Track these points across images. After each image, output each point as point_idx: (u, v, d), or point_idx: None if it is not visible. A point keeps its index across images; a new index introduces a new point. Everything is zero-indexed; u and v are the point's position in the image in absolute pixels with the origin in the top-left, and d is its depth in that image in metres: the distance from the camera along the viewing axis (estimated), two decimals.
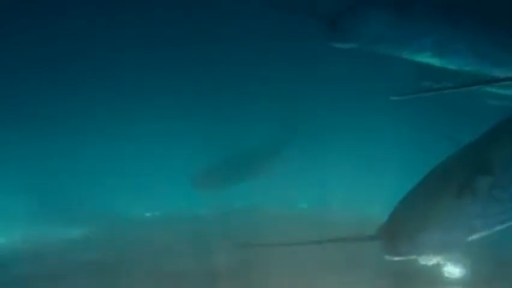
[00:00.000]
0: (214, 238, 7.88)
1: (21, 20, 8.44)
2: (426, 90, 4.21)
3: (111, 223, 10.62)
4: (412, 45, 5.98)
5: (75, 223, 11.10)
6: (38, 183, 11.84)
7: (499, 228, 4.08)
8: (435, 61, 6.03)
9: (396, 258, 4.15)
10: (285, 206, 10.85)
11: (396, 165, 9.21)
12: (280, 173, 11.22)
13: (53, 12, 8.25)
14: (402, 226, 4.11)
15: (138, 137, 11.59)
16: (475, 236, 4.09)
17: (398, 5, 5.96)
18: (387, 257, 4.18)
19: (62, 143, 11.52)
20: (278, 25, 8.24)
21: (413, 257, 4.12)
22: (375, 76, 8.63)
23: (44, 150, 11.66)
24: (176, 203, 11.39)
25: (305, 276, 7.36)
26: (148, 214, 11.99)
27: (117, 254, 8.59)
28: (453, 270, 7.40)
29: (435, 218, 4.02)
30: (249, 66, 9.93)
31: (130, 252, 8.58)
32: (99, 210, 11.38)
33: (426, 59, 6.04)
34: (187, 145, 11.24)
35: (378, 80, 8.78)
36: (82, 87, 9.91)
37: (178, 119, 11.14)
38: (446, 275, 7.33)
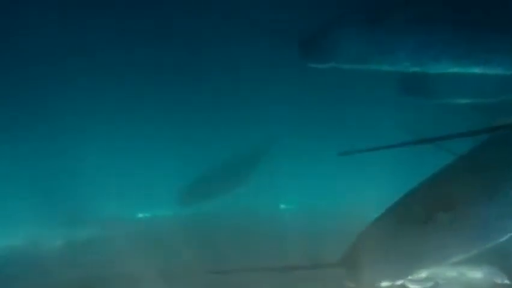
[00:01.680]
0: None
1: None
2: (376, 148, 4.23)
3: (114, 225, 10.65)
4: (390, 58, 5.97)
5: (78, 225, 11.18)
6: (40, 186, 11.99)
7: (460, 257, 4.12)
8: (415, 69, 6.01)
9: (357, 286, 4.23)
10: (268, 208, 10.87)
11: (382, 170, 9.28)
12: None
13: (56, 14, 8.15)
14: (363, 255, 4.20)
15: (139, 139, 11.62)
16: (434, 265, 4.16)
17: (370, 21, 5.95)
18: (349, 285, 4.29)
19: (64, 145, 11.69)
20: (258, 47, 8.22)
21: (374, 284, 4.19)
22: (353, 85, 8.68)
23: (46, 152, 11.83)
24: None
25: None
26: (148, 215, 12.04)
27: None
28: None
29: (395, 247, 4.11)
30: (226, 80, 9.87)
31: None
32: (101, 213, 11.45)
33: (406, 68, 6.02)
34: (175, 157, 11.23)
35: (356, 88, 8.82)
36: (84, 90, 9.89)
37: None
38: None
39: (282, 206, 12.06)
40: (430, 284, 4.44)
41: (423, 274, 4.31)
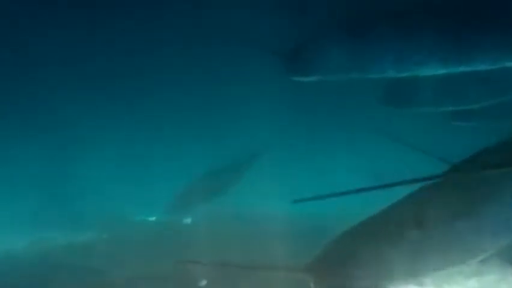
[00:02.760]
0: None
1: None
2: (332, 194, 4.31)
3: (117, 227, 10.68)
4: (375, 67, 6.04)
5: (83, 227, 11.16)
6: (44, 187, 12.13)
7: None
8: (401, 75, 6.08)
9: None
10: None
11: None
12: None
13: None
14: (332, 261, 4.24)
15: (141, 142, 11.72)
16: (403, 274, 4.15)
17: (352, 31, 6.02)
18: None
19: (68, 148, 11.81)
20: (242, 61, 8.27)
21: None
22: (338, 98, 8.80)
23: (48, 155, 11.91)
24: None
25: None
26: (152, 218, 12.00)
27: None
28: None
29: (364, 255, 4.14)
30: (213, 91, 9.95)
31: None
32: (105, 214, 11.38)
33: (392, 75, 6.09)
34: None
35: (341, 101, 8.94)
36: (88, 93, 9.81)
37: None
38: None
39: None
40: None
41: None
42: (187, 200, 10.70)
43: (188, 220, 10.79)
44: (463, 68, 5.93)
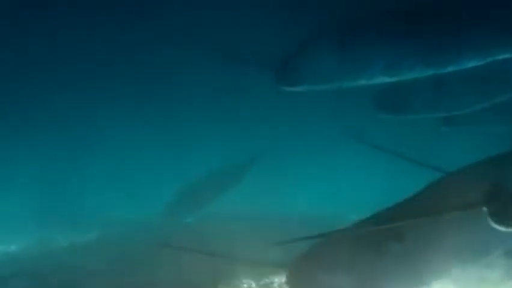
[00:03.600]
0: None
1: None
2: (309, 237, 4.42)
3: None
4: (365, 74, 6.07)
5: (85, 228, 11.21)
6: (47, 188, 12.18)
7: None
8: (391, 80, 6.12)
9: None
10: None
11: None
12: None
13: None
14: (308, 265, 4.30)
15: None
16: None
17: (339, 40, 6.06)
18: None
19: (71, 149, 11.88)
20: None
21: None
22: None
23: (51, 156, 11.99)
24: None
25: None
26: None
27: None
28: None
29: (342, 267, 4.17)
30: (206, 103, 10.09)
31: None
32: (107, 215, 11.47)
33: (383, 80, 6.13)
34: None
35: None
36: (91, 93, 9.84)
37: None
38: None
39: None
40: None
41: None
42: (182, 204, 10.75)
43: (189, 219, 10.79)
44: (451, 68, 6.00)
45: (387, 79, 6.10)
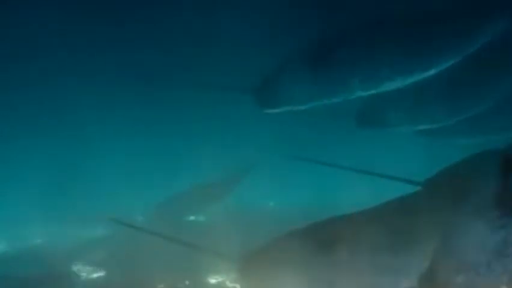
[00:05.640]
0: None
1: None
2: None
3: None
4: (342, 90, 6.20)
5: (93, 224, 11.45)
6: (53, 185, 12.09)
7: None
8: (369, 93, 6.27)
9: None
10: None
11: None
12: None
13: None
14: (256, 259, 4.31)
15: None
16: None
17: (316, 61, 6.18)
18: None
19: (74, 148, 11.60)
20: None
21: None
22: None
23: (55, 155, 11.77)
24: None
25: None
26: None
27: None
28: None
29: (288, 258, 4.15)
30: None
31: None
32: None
33: (361, 94, 6.26)
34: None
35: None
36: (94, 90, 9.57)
37: None
38: None
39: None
40: None
41: None
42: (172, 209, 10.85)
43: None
44: (430, 72, 6.20)
45: (366, 92, 6.26)
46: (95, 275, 9.02)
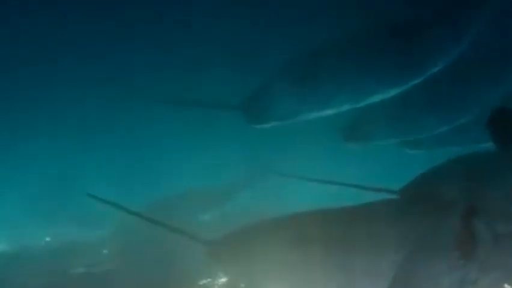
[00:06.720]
0: None
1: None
2: None
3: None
4: (330, 106, 6.23)
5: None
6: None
7: None
8: (357, 106, 6.30)
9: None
10: None
11: None
12: None
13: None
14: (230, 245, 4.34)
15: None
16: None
17: (302, 77, 6.20)
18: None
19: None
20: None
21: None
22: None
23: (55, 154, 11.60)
24: None
25: None
26: None
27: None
28: None
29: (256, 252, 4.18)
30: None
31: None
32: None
33: (348, 108, 6.30)
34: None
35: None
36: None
37: None
38: None
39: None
40: None
41: None
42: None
43: None
44: (416, 80, 6.29)
45: (353, 105, 6.29)
46: (95, 275, 8.94)
